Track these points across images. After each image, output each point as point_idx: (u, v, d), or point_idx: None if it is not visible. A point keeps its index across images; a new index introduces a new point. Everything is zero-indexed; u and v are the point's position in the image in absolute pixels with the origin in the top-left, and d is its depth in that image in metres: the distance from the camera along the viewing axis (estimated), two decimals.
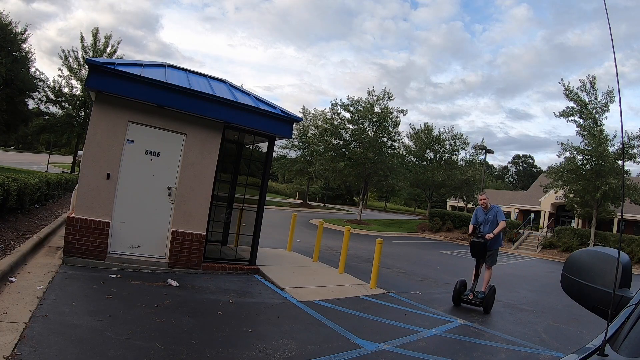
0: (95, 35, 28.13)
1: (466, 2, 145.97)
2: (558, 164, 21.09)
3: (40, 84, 26.29)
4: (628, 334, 0.87)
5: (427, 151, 32.98)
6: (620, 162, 20.45)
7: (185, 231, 5.97)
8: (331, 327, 4.38)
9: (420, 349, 4.03)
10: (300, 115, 28.19)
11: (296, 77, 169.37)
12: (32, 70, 24.73)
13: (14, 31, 21.47)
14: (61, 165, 35.11)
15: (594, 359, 0.82)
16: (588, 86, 19.18)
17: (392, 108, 25.60)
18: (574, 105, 19.50)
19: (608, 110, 19.03)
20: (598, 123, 19.05)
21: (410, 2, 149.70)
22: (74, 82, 27.85)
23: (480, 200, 6.49)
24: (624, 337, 0.87)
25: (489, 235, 6.02)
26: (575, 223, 29.40)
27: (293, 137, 23.55)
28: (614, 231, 24.83)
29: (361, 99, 25.62)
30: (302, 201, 38.83)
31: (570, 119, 19.78)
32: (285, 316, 4.65)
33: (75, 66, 27.66)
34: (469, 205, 35.79)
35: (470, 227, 6.40)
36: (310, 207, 35.67)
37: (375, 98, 25.54)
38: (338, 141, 26.31)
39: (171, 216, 5.94)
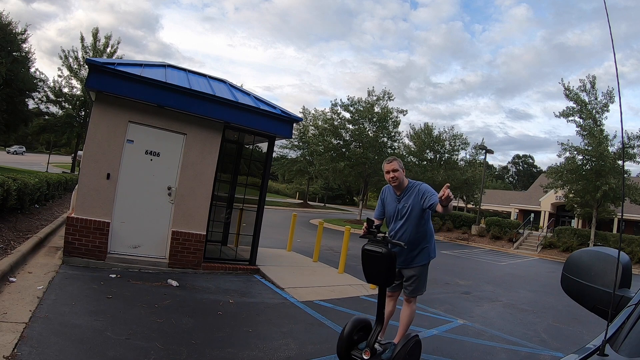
0: (95, 35, 28.16)
1: (466, 2, 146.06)
2: (558, 164, 21.11)
3: (40, 84, 26.33)
4: (628, 334, 0.87)
5: (427, 151, 32.93)
6: (620, 162, 20.45)
7: (185, 231, 5.97)
8: (331, 327, 4.38)
9: None
10: (300, 115, 28.21)
11: (296, 77, 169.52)
12: (32, 70, 24.78)
13: (14, 31, 21.49)
14: (61, 165, 35.12)
15: (594, 359, 0.82)
16: (588, 86, 19.19)
17: (392, 108, 25.66)
18: (574, 105, 19.51)
19: (608, 110, 19.04)
20: (598, 123, 19.06)
21: (410, 2, 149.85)
22: (74, 82, 27.91)
23: (388, 172, 3.30)
24: (624, 337, 0.87)
25: (399, 243, 3.02)
26: (575, 223, 29.42)
27: (293, 137, 23.55)
28: (614, 231, 24.85)
29: (361, 99, 25.65)
30: (302, 201, 38.85)
31: (570, 119, 19.79)
32: (285, 316, 4.64)
33: (75, 66, 27.70)
34: (469, 205, 35.79)
35: (364, 224, 3.19)
36: (310, 207, 35.68)
37: (375, 98, 25.57)
38: (338, 141, 26.33)
39: (171, 216, 5.94)
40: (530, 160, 79.76)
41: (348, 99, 25.81)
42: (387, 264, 2.94)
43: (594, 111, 19.10)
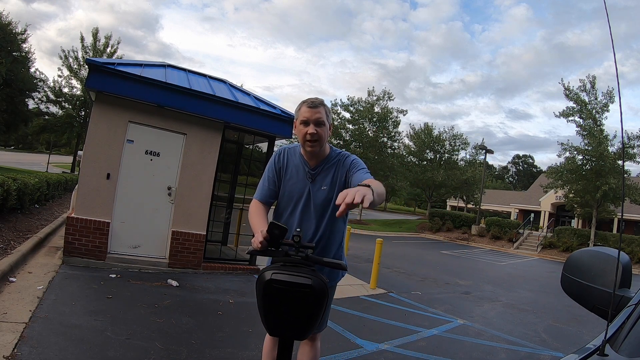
0: (95, 35, 28.20)
1: (466, 3, 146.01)
2: (558, 164, 21.14)
3: (40, 84, 26.36)
4: (628, 334, 0.87)
5: (427, 151, 33.01)
6: (620, 162, 20.46)
7: (185, 231, 5.97)
8: (331, 327, 4.37)
9: (420, 349, 4.03)
10: None
11: (296, 77, 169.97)
12: (32, 70, 24.82)
13: (14, 31, 21.51)
14: (61, 165, 35.13)
15: (594, 359, 0.82)
16: (588, 86, 19.22)
17: (392, 108, 25.70)
18: (574, 105, 19.55)
19: (608, 110, 19.07)
20: (598, 123, 19.08)
21: (410, 3, 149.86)
22: (74, 82, 27.95)
23: (306, 122, 1.89)
24: (624, 337, 0.87)
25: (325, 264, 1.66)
26: (575, 223, 29.42)
27: (293, 137, 23.57)
28: (614, 231, 24.85)
29: (361, 99, 25.71)
30: None
31: (570, 119, 19.83)
32: None
33: (75, 66, 27.72)
34: (469, 205, 35.81)
35: (263, 232, 1.57)
36: None
37: (375, 98, 25.63)
38: (338, 141, 26.35)
39: (171, 216, 5.94)
40: (530, 160, 79.87)
41: (348, 99, 25.91)
42: (317, 304, 1.53)
43: (594, 111, 19.12)
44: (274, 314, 1.57)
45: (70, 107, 28.03)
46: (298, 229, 1.66)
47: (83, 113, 28.32)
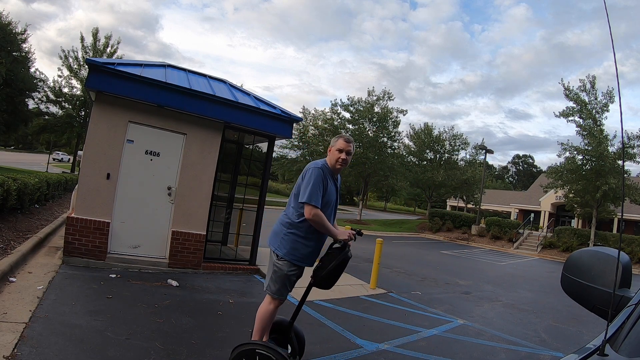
0: (95, 35, 28.15)
1: (465, 3, 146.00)
2: (558, 164, 21.12)
3: (40, 84, 26.31)
4: (628, 334, 0.87)
5: (427, 151, 33.02)
6: (620, 162, 20.46)
7: (185, 231, 5.97)
8: (331, 327, 4.38)
9: (420, 349, 4.03)
10: (300, 115, 28.22)
11: (296, 77, 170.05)
12: (32, 70, 24.78)
13: (14, 31, 21.50)
14: (61, 165, 35.11)
15: (594, 359, 0.82)
16: (588, 86, 19.20)
17: (392, 108, 25.68)
18: (574, 105, 19.51)
19: (608, 110, 19.04)
20: (598, 123, 19.06)
21: (410, 3, 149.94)
22: (74, 82, 27.88)
23: (341, 150, 2.85)
24: (624, 337, 0.87)
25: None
26: (575, 223, 29.41)
27: (293, 137, 23.57)
28: (614, 231, 24.85)
29: (361, 99, 25.69)
30: None
31: (570, 119, 19.80)
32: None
33: (75, 66, 27.67)
34: (469, 205, 35.81)
35: (346, 229, 2.98)
36: None
37: (375, 98, 25.61)
38: None
39: (171, 216, 5.94)
40: (530, 160, 79.88)
41: (348, 99, 25.89)
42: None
43: (593, 111, 19.10)
44: (338, 274, 2.95)
45: (70, 107, 27.97)
46: (360, 229, 3.02)
47: (83, 113, 28.27)
